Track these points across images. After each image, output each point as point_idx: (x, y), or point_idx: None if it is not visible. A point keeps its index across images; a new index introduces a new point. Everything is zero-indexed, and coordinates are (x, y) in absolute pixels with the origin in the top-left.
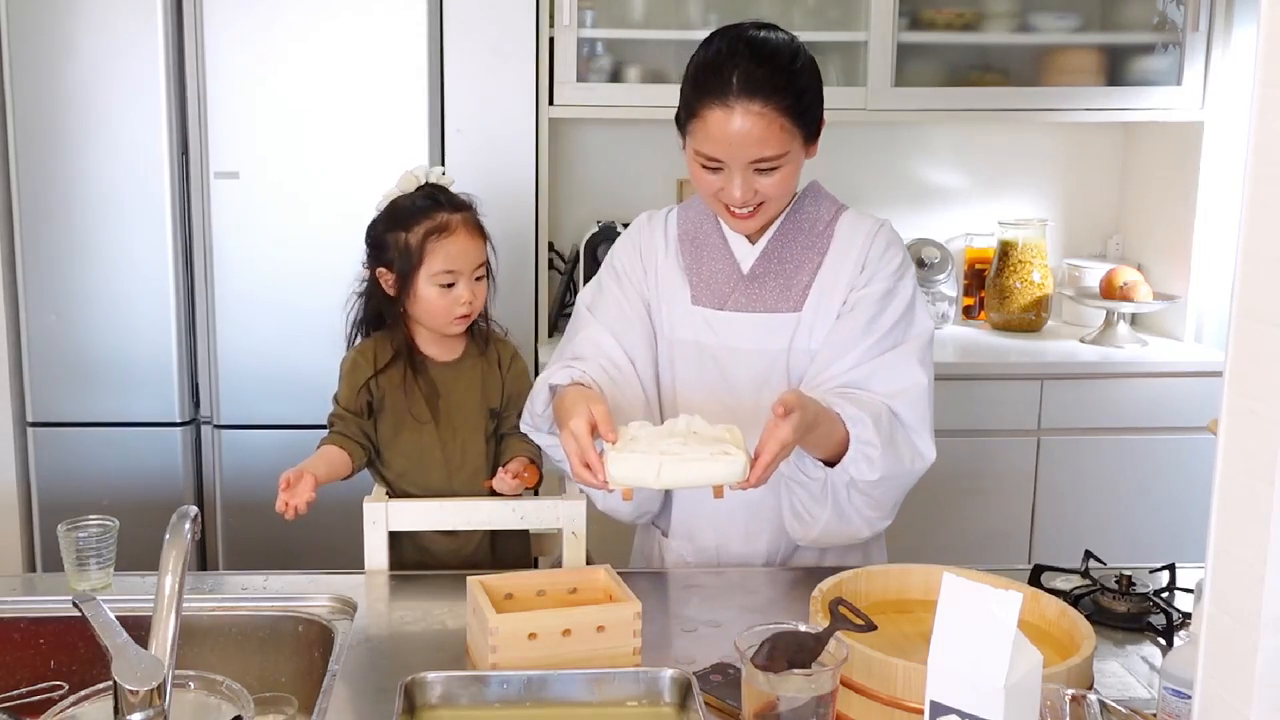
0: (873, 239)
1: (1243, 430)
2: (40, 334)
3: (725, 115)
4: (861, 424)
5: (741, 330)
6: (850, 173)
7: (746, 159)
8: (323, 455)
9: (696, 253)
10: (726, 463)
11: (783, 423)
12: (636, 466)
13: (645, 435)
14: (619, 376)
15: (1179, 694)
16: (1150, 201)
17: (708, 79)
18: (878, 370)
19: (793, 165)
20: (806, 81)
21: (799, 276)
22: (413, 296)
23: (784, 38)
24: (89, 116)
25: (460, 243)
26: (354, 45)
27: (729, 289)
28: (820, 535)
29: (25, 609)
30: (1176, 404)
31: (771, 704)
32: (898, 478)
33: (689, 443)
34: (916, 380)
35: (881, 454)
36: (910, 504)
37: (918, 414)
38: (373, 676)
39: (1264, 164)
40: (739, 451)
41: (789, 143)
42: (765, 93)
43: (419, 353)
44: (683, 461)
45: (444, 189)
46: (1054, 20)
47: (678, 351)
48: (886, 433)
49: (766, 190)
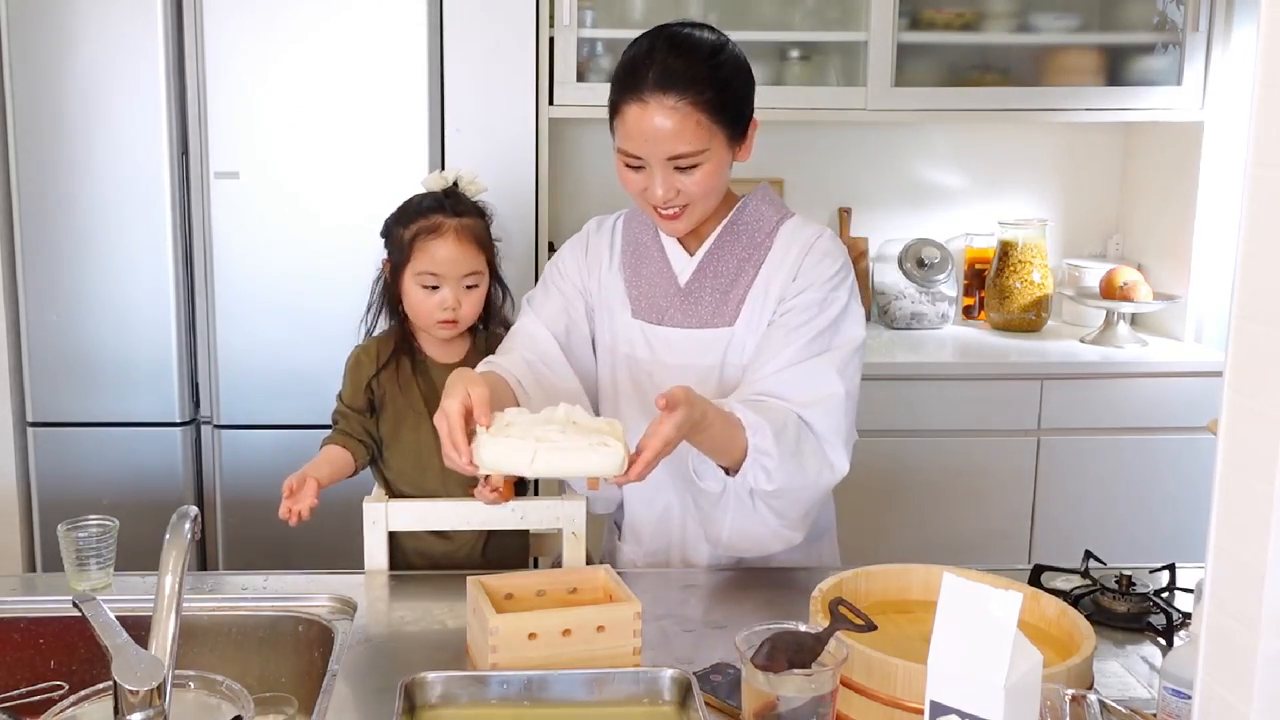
0: (808, 250)
1: (1243, 430)
2: (40, 334)
3: (641, 110)
4: (760, 433)
5: (676, 346)
6: (850, 173)
7: (663, 155)
8: (325, 457)
9: (637, 265)
10: (604, 454)
11: (667, 418)
12: (509, 452)
13: (522, 421)
14: (546, 367)
15: (1179, 694)
16: (1150, 201)
17: (627, 76)
18: (797, 378)
19: (714, 164)
20: (728, 77)
21: (734, 290)
22: (402, 292)
23: (710, 35)
24: (89, 116)
25: (447, 248)
26: (354, 45)
27: (666, 303)
28: (729, 542)
29: (25, 609)
30: (1176, 404)
31: (771, 704)
32: (801, 489)
33: (567, 431)
34: (833, 390)
35: (779, 465)
36: (910, 504)
37: (832, 424)
38: (373, 676)
39: (1264, 164)
40: (617, 444)
41: (707, 139)
42: (680, 86)
43: (421, 353)
44: (559, 450)
45: (457, 193)
46: (1054, 20)
47: (619, 364)
48: (791, 443)
49: (689, 189)
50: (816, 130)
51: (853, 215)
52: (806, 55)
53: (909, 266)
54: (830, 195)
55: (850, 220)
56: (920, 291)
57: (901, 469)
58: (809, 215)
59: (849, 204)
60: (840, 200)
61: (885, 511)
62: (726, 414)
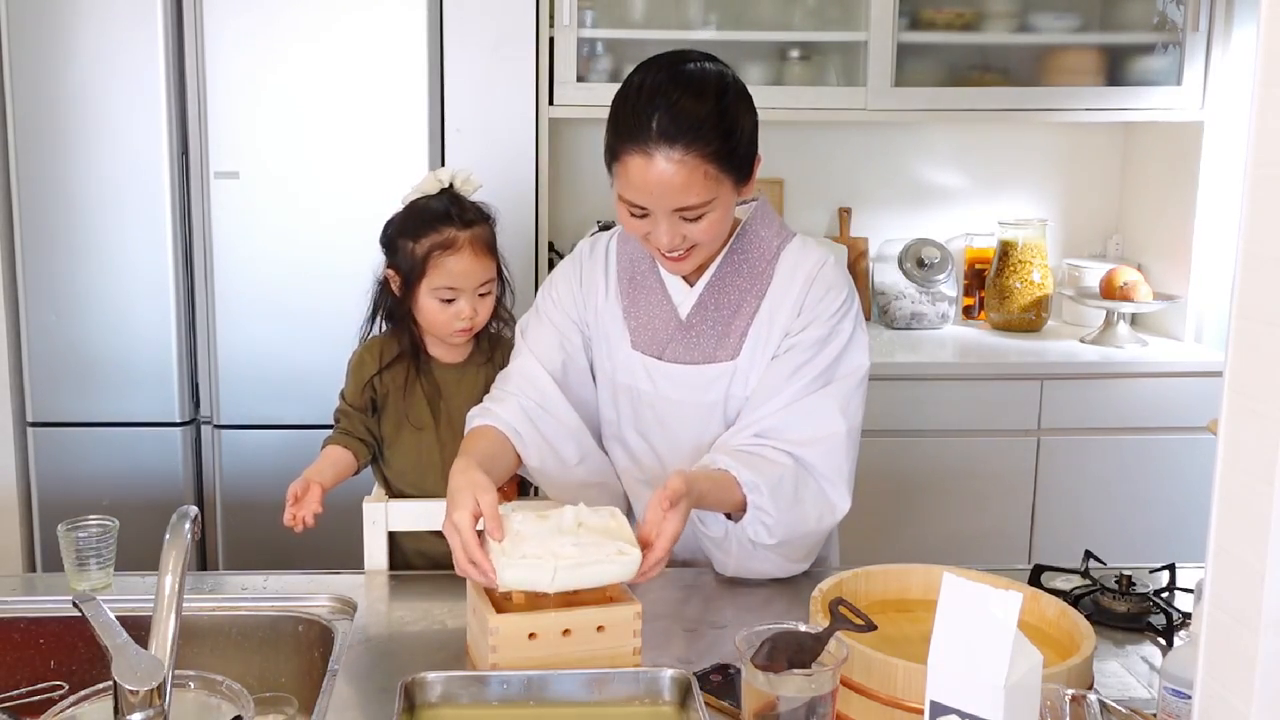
0: (812, 282)
1: (1243, 430)
2: (40, 334)
3: (645, 163)
4: (757, 491)
5: (679, 381)
6: (850, 173)
7: (670, 207)
8: (328, 459)
9: (634, 295)
10: (622, 563)
11: (671, 516)
12: (530, 571)
13: (531, 533)
14: (544, 410)
15: (1179, 694)
16: (1150, 201)
17: (627, 122)
18: (798, 416)
19: (722, 210)
20: (735, 120)
21: (736, 322)
22: (416, 304)
23: (712, 71)
24: (89, 116)
25: (464, 262)
26: (354, 45)
27: (666, 337)
28: (734, 574)
29: (25, 609)
30: (1176, 404)
31: (771, 704)
32: (802, 537)
33: (581, 541)
34: (834, 430)
35: (778, 520)
36: (910, 504)
37: (833, 464)
38: (373, 676)
39: (1264, 164)
40: (633, 549)
41: (715, 189)
42: (687, 139)
43: (425, 353)
44: (578, 566)
45: (462, 199)
46: (1054, 20)
47: (620, 395)
48: (788, 495)
49: (695, 236)
50: (816, 130)
51: (853, 215)
52: (806, 55)
53: (909, 266)
54: (830, 195)
55: (850, 220)
56: (920, 291)
57: (901, 469)
58: (809, 215)
59: (849, 204)
60: (840, 200)
61: (885, 511)
62: (720, 476)
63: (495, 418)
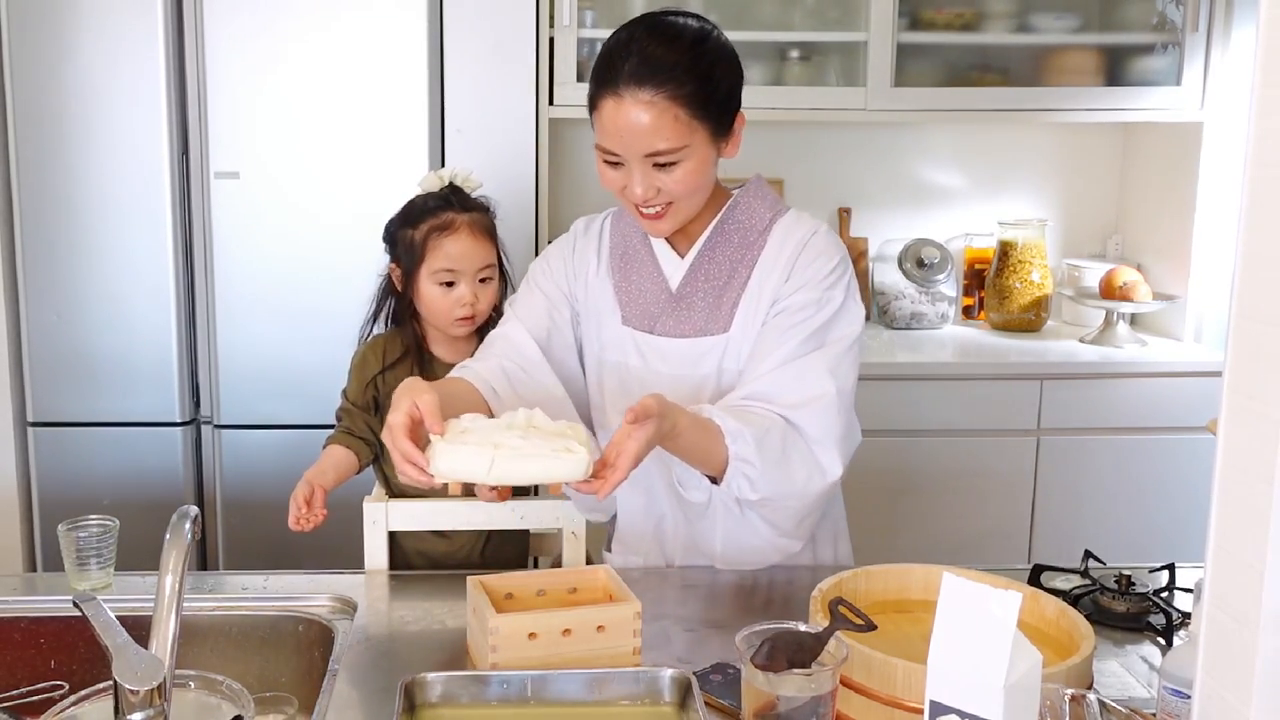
0: (802, 248)
1: (1243, 430)
2: (40, 334)
3: (616, 105)
4: (741, 440)
5: (670, 355)
6: (850, 173)
7: (640, 152)
8: (330, 461)
9: (626, 270)
10: (568, 460)
11: (635, 432)
12: (466, 460)
13: (479, 427)
14: (524, 372)
15: (1178, 694)
16: (1150, 201)
17: (602, 69)
18: (787, 378)
19: (696, 161)
20: (710, 67)
21: (727, 293)
22: (417, 294)
23: (692, 23)
24: (89, 116)
25: (462, 243)
26: (354, 45)
27: (657, 310)
28: (723, 554)
29: (25, 609)
30: (1176, 404)
31: (771, 704)
32: (789, 497)
33: (528, 436)
34: (824, 390)
35: (762, 473)
36: (910, 504)
37: (823, 425)
38: (373, 676)
39: (1263, 164)
40: (581, 448)
41: (687, 135)
42: (657, 80)
43: (428, 352)
44: (520, 456)
45: (461, 190)
46: (1053, 20)
47: (606, 373)
48: (775, 450)
49: (670, 188)
50: (816, 130)
51: (853, 215)
52: (806, 55)
53: (909, 266)
54: (830, 195)
55: (850, 220)
56: (920, 291)
57: (901, 469)
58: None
59: (849, 204)
60: (840, 200)
61: (886, 511)
62: (705, 421)
63: (471, 372)
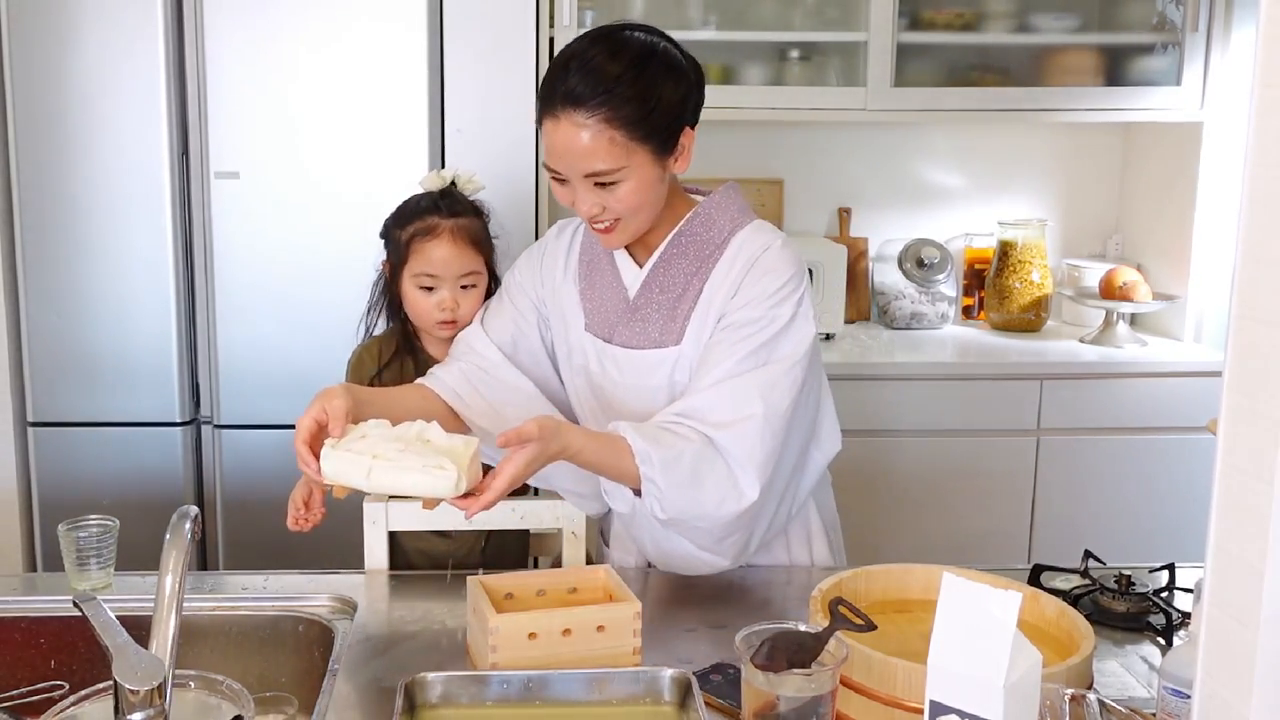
0: (752, 265)
1: (1243, 430)
2: (41, 333)
3: (554, 125)
4: (648, 463)
5: (625, 365)
6: (850, 173)
7: (580, 172)
8: None
9: (591, 277)
10: (437, 477)
11: (514, 455)
12: (348, 465)
13: (374, 435)
14: (486, 374)
15: (1178, 694)
16: (1150, 201)
17: (544, 88)
18: (719, 397)
19: (638, 180)
20: (649, 87)
21: (681, 306)
22: (401, 294)
23: (641, 37)
24: (89, 116)
25: (443, 249)
26: (354, 45)
27: (615, 319)
28: (655, 558)
29: (25, 609)
30: (1176, 404)
31: (771, 704)
32: (699, 519)
33: (408, 450)
34: (751, 412)
35: (667, 495)
36: (910, 504)
37: (745, 448)
38: (373, 676)
39: (1264, 164)
40: (452, 468)
41: (624, 157)
42: (593, 102)
43: (424, 352)
44: (395, 469)
45: (452, 193)
46: (1053, 20)
47: (575, 376)
48: (684, 473)
49: (613, 205)
50: (816, 130)
51: (853, 215)
52: (806, 55)
53: (909, 266)
54: (830, 195)
55: (850, 220)
56: (920, 291)
57: (901, 469)
58: (809, 215)
59: (849, 204)
60: (840, 200)
61: (885, 511)
62: (612, 439)
63: (435, 380)
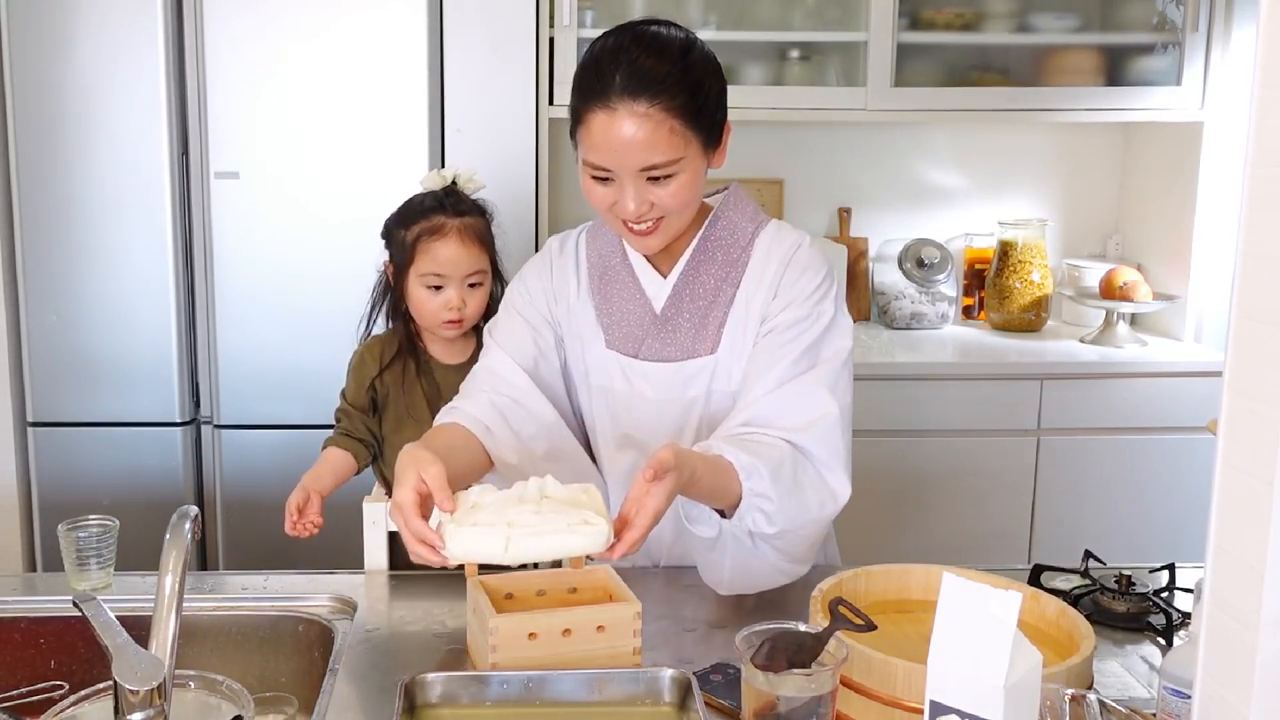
0: (787, 265)
1: (1243, 430)
2: (40, 334)
3: (609, 118)
4: (756, 476)
5: (656, 379)
6: (850, 173)
7: (635, 167)
8: (328, 465)
9: (606, 291)
10: (586, 534)
11: (654, 489)
12: (480, 540)
13: (489, 502)
14: (516, 404)
15: (1179, 694)
16: (1150, 201)
17: (590, 80)
18: (787, 401)
19: (690, 174)
20: (700, 78)
21: (713, 313)
22: (406, 294)
23: (678, 33)
24: (89, 116)
25: (450, 248)
26: (354, 45)
27: (642, 333)
28: (730, 583)
29: (25, 609)
30: (1176, 404)
31: (771, 704)
32: (804, 525)
33: (542, 510)
34: (826, 411)
35: (779, 506)
36: (910, 504)
37: (829, 448)
38: (373, 676)
39: (1264, 164)
40: (599, 519)
41: (682, 147)
42: (651, 91)
43: (425, 353)
44: (535, 534)
45: (456, 192)
46: (1054, 20)
47: (595, 397)
48: (788, 480)
49: (663, 202)
50: (816, 130)
51: (853, 215)
52: (806, 55)
53: (909, 266)
54: (830, 195)
55: (850, 220)
56: (920, 291)
57: (901, 469)
58: (809, 215)
59: (849, 204)
60: (840, 200)
61: (885, 511)
62: (716, 459)
63: (461, 414)
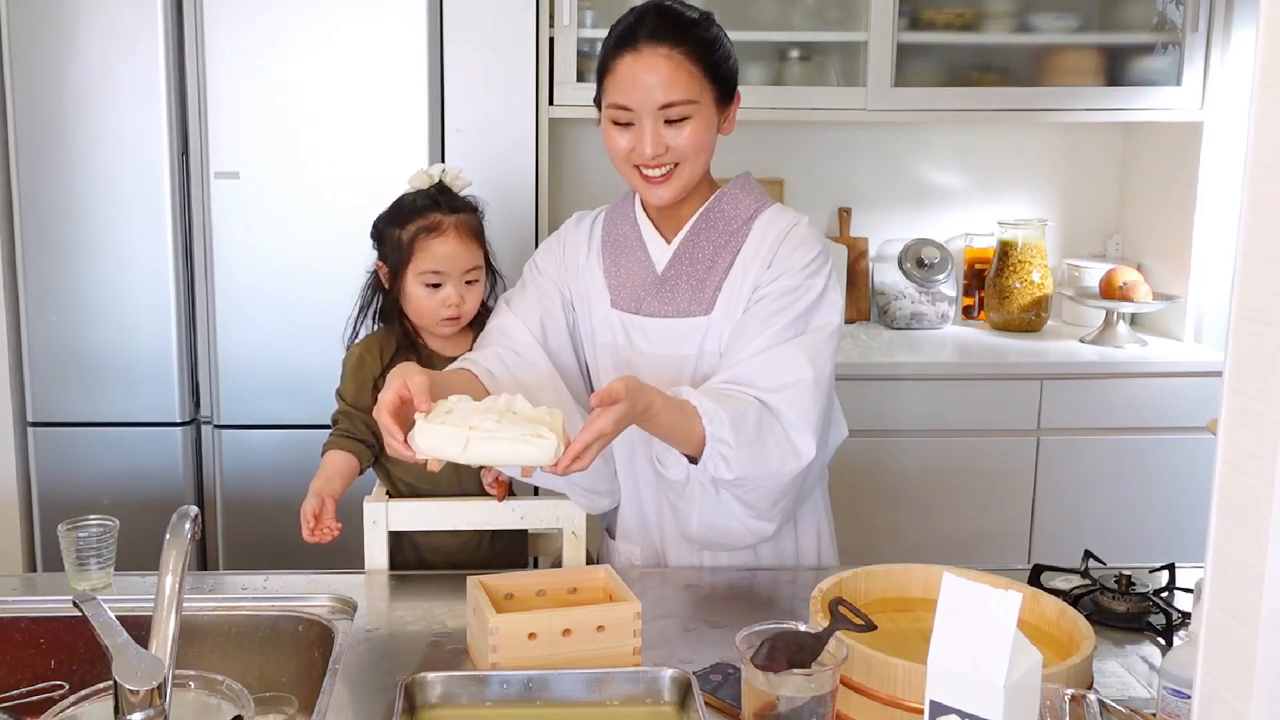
0: (783, 238)
1: (1243, 430)
2: (40, 333)
3: (634, 59)
4: (716, 421)
5: (654, 335)
6: (850, 173)
7: (655, 104)
8: (335, 469)
9: (615, 255)
10: (537, 445)
11: (604, 413)
12: (443, 438)
13: (461, 409)
14: (519, 356)
15: (1178, 694)
16: (1150, 201)
17: (620, 35)
18: (767, 364)
19: (703, 120)
20: (716, 38)
21: (711, 277)
22: (403, 293)
23: (698, 6)
24: (89, 116)
25: (449, 244)
26: (354, 45)
27: (643, 292)
28: (698, 534)
29: (25, 609)
30: (1176, 404)
31: (771, 704)
32: (764, 477)
33: (503, 420)
34: (801, 376)
35: (737, 452)
36: (910, 504)
37: (799, 410)
38: (373, 676)
39: (1263, 164)
40: (551, 435)
41: (697, 91)
42: (674, 37)
43: (426, 348)
44: (492, 439)
45: (448, 190)
46: (1054, 20)
47: (600, 355)
48: (750, 431)
49: (677, 146)
50: (816, 130)
51: (853, 215)
52: (806, 55)
53: (909, 266)
54: (830, 195)
55: (850, 220)
56: (920, 291)
57: (901, 469)
58: (809, 215)
59: (849, 204)
60: (840, 200)
61: (885, 511)
62: (681, 402)
63: (471, 361)
